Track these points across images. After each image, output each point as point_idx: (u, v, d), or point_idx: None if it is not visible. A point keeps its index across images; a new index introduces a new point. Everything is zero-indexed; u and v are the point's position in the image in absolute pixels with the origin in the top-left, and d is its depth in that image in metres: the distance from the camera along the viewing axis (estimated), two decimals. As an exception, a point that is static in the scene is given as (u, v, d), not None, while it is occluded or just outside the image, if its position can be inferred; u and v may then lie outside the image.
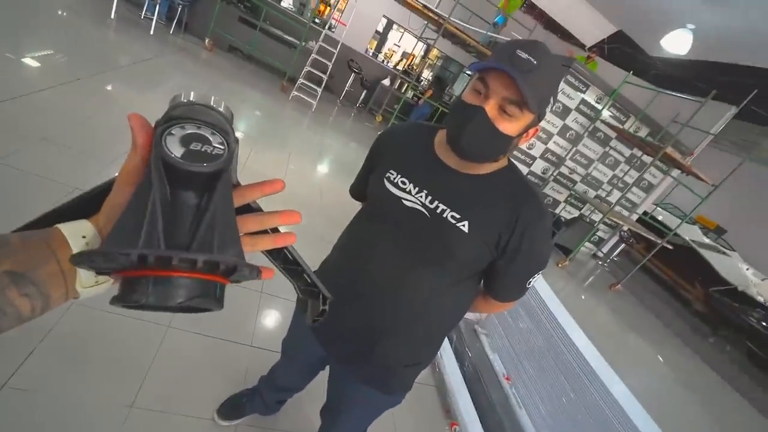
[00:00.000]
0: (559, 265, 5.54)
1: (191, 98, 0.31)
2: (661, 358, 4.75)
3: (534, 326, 2.20)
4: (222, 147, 0.28)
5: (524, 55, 0.66)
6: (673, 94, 5.53)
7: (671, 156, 4.94)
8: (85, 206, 0.32)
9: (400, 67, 9.84)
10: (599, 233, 7.11)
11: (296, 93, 6.11)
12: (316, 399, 1.19)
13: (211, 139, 0.28)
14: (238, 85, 5.54)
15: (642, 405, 1.89)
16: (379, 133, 0.98)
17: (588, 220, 6.71)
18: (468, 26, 6.91)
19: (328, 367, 1.09)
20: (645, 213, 7.06)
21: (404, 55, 10.77)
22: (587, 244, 6.81)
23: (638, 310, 5.99)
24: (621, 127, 5.94)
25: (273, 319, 1.93)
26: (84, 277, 0.27)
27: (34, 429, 1.12)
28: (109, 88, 3.33)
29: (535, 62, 0.66)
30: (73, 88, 2.93)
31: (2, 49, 2.91)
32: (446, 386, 2.01)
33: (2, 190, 1.75)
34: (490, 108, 0.70)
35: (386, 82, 8.46)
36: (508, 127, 0.71)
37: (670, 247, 5.83)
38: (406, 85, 8.15)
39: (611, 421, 1.78)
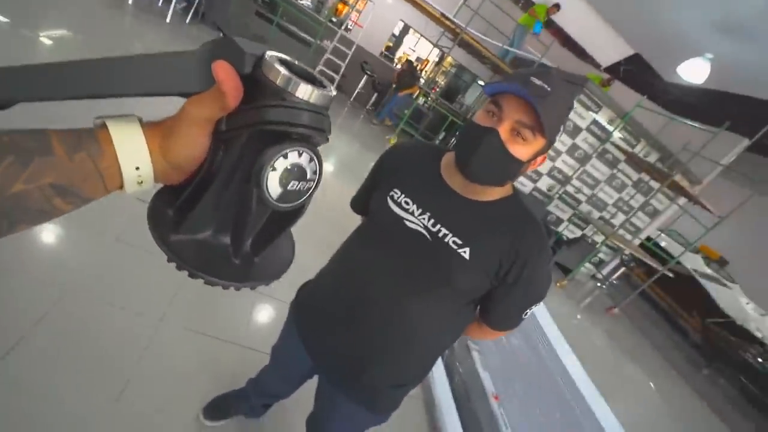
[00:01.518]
0: (558, 285, 5.49)
1: (291, 88, 0.27)
2: (653, 387, 4.70)
3: (526, 346, 2.17)
4: (314, 178, 0.30)
5: (538, 82, 0.66)
6: (687, 122, 5.51)
7: (679, 184, 4.91)
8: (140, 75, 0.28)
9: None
10: (601, 255, 7.06)
11: (308, 91, 6.09)
12: (302, 405, 1.16)
13: (307, 170, 0.29)
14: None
15: (629, 434, 1.88)
16: (387, 146, 0.97)
17: (590, 240, 6.67)
18: (485, 38, 6.90)
19: (316, 377, 1.07)
20: (648, 239, 7.00)
21: (418, 60, 10.77)
22: (587, 264, 6.76)
23: (634, 336, 5.93)
24: (631, 150, 5.91)
25: (265, 320, 1.91)
26: (128, 185, 0.28)
27: (15, 421, 1.09)
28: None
29: (549, 89, 0.66)
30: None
31: (17, 25, 2.91)
32: (434, 401, 1.97)
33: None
34: (504, 130, 0.69)
35: (398, 86, 8.45)
36: (520, 151, 0.70)
37: (671, 275, 5.78)
38: (418, 91, 8.14)
39: None
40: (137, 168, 0.27)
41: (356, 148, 5.90)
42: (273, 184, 0.28)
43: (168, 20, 5.36)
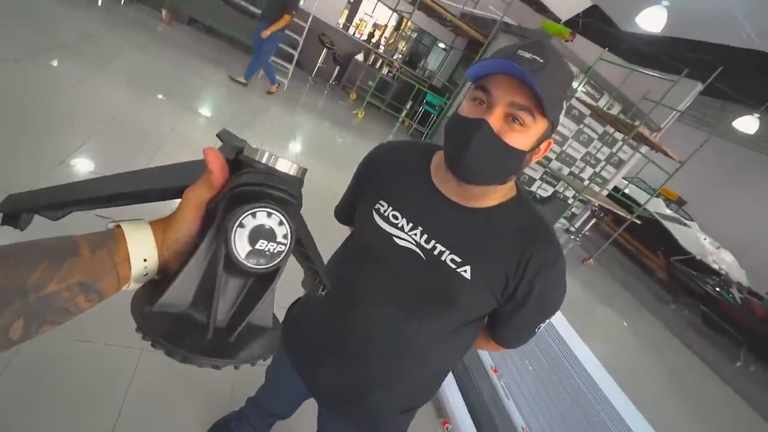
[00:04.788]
0: (535, 243, 5.66)
1: (265, 160, 0.31)
2: (626, 325, 5.04)
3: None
4: (285, 242, 0.30)
5: (527, 55, 0.56)
6: (648, 72, 5.60)
7: (641, 134, 5.05)
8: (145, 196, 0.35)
9: (373, 40, 9.49)
10: (573, 209, 7.31)
11: (265, 70, 5.75)
12: (308, 420, 1.12)
13: (276, 232, 0.30)
14: (200, 63, 5.15)
15: (611, 374, 1.94)
16: (355, 121, 0.87)
17: (561, 196, 6.87)
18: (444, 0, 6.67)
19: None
20: (616, 189, 7.29)
21: (376, 26, 10.36)
22: (562, 219, 7.00)
23: (608, 282, 6.27)
24: (595, 104, 5.99)
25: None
26: (134, 282, 0.32)
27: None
28: (54, 70, 2.99)
29: (541, 61, 0.56)
30: (10, 71, 2.60)
31: None
32: (436, 381, 2.02)
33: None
34: (495, 119, 0.59)
35: (360, 57, 8.14)
36: (518, 140, 0.60)
37: (638, 221, 6.07)
38: (380, 60, 7.88)
39: (584, 393, 1.88)
40: (145, 260, 0.31)
41: (326, 126, 5.69)
42: (241, 241, 0.29)
43: (99, 2, 4.83)
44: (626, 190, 7.59)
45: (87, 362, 1.33)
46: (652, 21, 5.17)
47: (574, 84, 5.84)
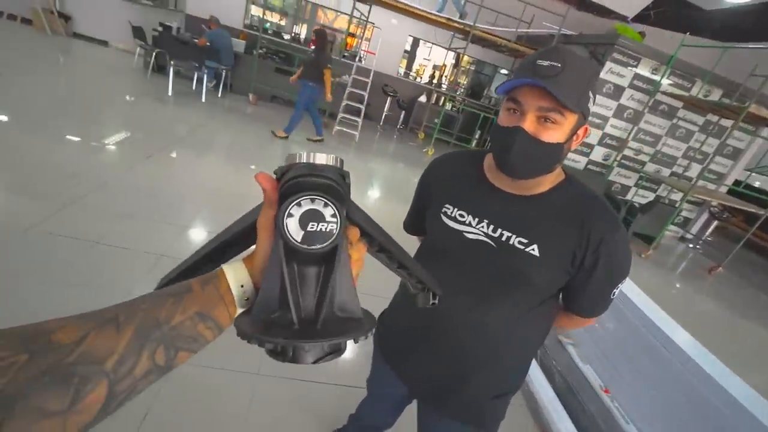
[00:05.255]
0: (643, 256, 5.03)
1: (304, 159, 0.35)
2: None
3: (625, 330, 2.00)
4: (334, 220, 0.33)
5: (545, 63, 0.64)
6: (744, 46, 4.94)
7: (755, 114, 4.36)
8: (231, 244, 0.42)
9: (434, 81, 9.89)
10: (684, 213, 6.39)
11: (338, 127, 6.34)
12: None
13: (324, 213, 0.33)
14: (284, 131, 5.88)
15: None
16: (426, 158, 0.96)
17: (667, 201, 6.08)
18: (495, 27, 6.79)
19: (415, 402, 1.07)
20: (737, 183, 6.24)
21: (435, 67, 10.81)
22: (671, 227, 6.15)
23: (749, 293, 5.22)
24: (687, 94, 5.39)
25: (353, 355, 1.95)
26: (239, 307, 0.37)
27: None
28: (173, 159, 3.71)
29: (558, 65, 0.64)
30: (145, 165, 3.31)
31: (88, 138, 3.38)
32: (539, 405, 1.87)
33: (102, 266, 1.98)
34: (529, 123, 0.68)
35: (422, 99, 8.52)
36: (554, 135, 0.68)
37: (776, 216, 5.06)
38: (443, 98, 8.13)
39: (736, 425, 1.55)
40: (242, 285, 0.37)
41: (400, 167, 5.98)
42: (293, 228, 0.32)
43: (203, 99, 5.91)
44: (757, 184, 6.45)
45: (211, 387, 1.55)
46: (738, -8, 4.63)
47: (657, 77, 5.36)
